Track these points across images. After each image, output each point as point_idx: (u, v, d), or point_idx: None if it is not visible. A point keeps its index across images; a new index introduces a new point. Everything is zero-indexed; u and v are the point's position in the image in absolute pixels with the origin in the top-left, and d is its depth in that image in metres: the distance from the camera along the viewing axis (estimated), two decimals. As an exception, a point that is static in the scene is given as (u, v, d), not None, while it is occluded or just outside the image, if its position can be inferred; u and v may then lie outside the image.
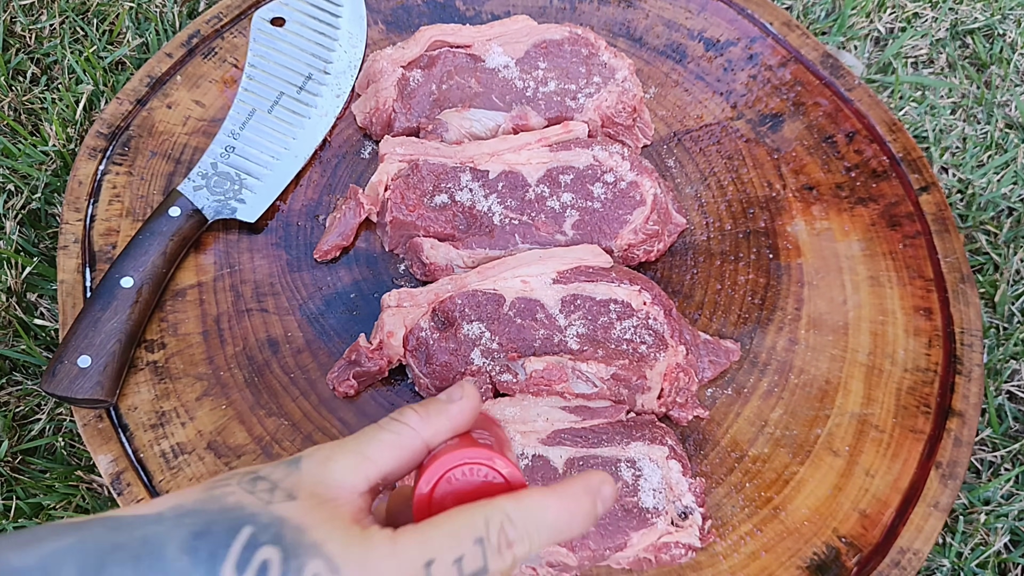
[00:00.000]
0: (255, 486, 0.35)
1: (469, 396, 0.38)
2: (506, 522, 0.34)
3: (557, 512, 0.35)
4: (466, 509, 0.34)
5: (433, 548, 0.33)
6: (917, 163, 0.71)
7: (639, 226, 0.64)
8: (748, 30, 0.78)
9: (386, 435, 0.36)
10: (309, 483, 0.35)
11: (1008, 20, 0.87)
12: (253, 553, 0.32)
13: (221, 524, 0.33)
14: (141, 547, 0.33)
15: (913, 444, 0.60)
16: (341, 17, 0.75)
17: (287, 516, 0.33)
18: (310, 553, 0.32)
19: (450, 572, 0.33)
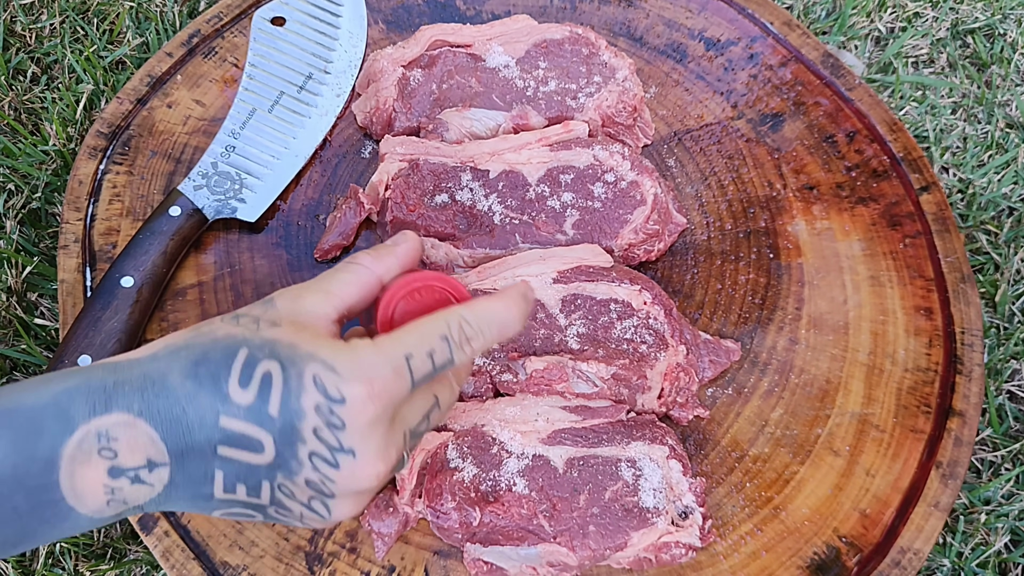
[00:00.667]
0: (238, 321, 0.38)
1: (412, 239, 0.44)
2: (463, 323, 0.40)
3: (502, 312, 0.41)
4: (429, 317, 0.40)
5: (409, 345, 0.38)
6: (918, 163, 0.71)
7: (639, 226, 0.64)
8: (748, 30, 0.78)
9: (344, 274, 0.41)
10: (287, 314, 0.38)
11: (1009, 20, 0.87)
12: (254, 369, 0.36)
13: (217, 351, 0.36)
14: (143, 380, 0.35)
15: (914, 444, 0.60)
16: (341, 17, 0.75)
17: (277, 337, 0.37)
18: (306, 360, 0.36)
19: (425, 363, 0.38)
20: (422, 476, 0.55)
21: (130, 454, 0.34)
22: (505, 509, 0.53)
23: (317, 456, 0.36)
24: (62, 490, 0.34)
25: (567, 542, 0.53)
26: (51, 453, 0.33)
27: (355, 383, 0.36)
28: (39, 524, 0.34)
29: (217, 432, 0.35)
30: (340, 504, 0.38)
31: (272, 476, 0.36)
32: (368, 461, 0.37)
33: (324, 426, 0.36)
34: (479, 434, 0.55)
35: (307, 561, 0.55)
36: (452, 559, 0.55)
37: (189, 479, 0.36)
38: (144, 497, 0.36)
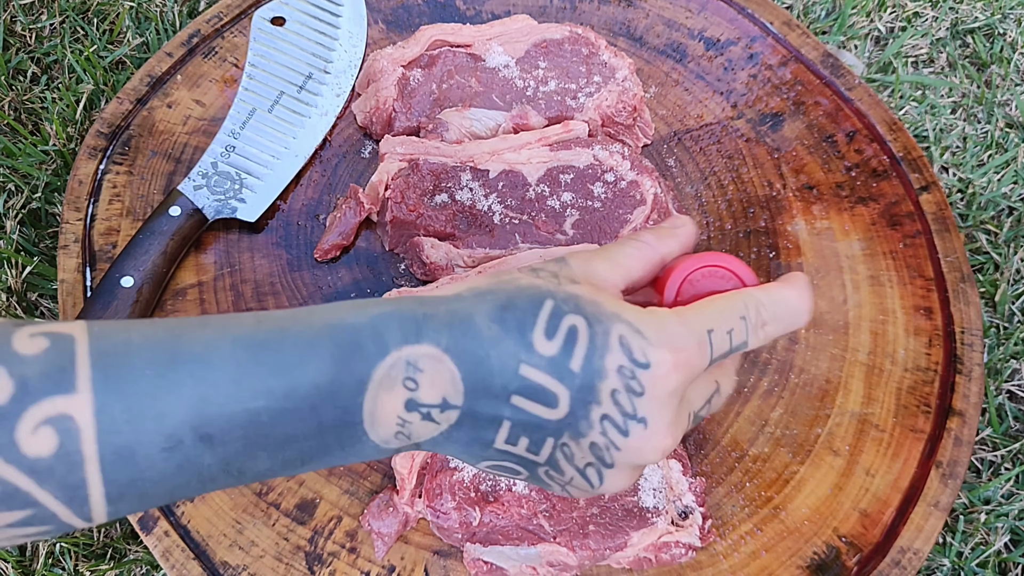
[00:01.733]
0: (538, 274, 0.37)
1: (690, 224, 0.43)
2: (760, 305, 0.39)
3: (795, 301, 0.40)
4: (726, 295, 0.39)
5: (711, 320, 0.37)
6: (917, 162, 0.71)
7: (639, 225, 0.64)
8: (748, 29, 0.78)
9: (630, 248, 0.41)
10: (582, 274, 0.38)
11: (1008, 19, 0.87)
12: (559, 321, 0.35)
13: (523, 299, 0.36)
14: (451, 317, 0.35)
15: (913, 443, 0.60)
16: (341, 17, 0.75)
17: (580, 294, 0.36)
18: (612, 319, 0.35)
19: (724, 340, 0.37)
20: (422, 476, 0.55)
21: (430, 389, 0.34)
22: (505, 509, 0.53)
23: (609, 420, 0.35)
24: (363, 412, 0.34)
25: (567, 542, 0.53)
26: (364, 373, 0.33)
27: (662, 349, 0.35)
28: (334, 444, 0.34)
29: (516, 380, 0.34)
30: (615, 475, 0.37)
31: (558, 434, 0.36)
32: (658, 432, 0.36)
33: (623, 390, 0.35)
34: (479, 434, 0.55)
35: (307, 561, 0.55)
36: (452, 559, 0.55)
37: (476, 423, 0.35)
38: (428, 435, 0.35)
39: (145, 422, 0.30)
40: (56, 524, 0.31)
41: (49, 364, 0.30)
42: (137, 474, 0.31)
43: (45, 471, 0.29)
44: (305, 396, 0.32)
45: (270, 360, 0.32)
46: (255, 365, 0.32)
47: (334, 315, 0.34)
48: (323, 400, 0.33)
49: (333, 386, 0.33)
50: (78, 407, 0.29)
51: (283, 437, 0.33)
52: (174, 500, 0.33)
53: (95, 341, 0.31)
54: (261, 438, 0.32)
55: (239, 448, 0.32)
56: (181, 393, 0.31)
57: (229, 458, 0.32)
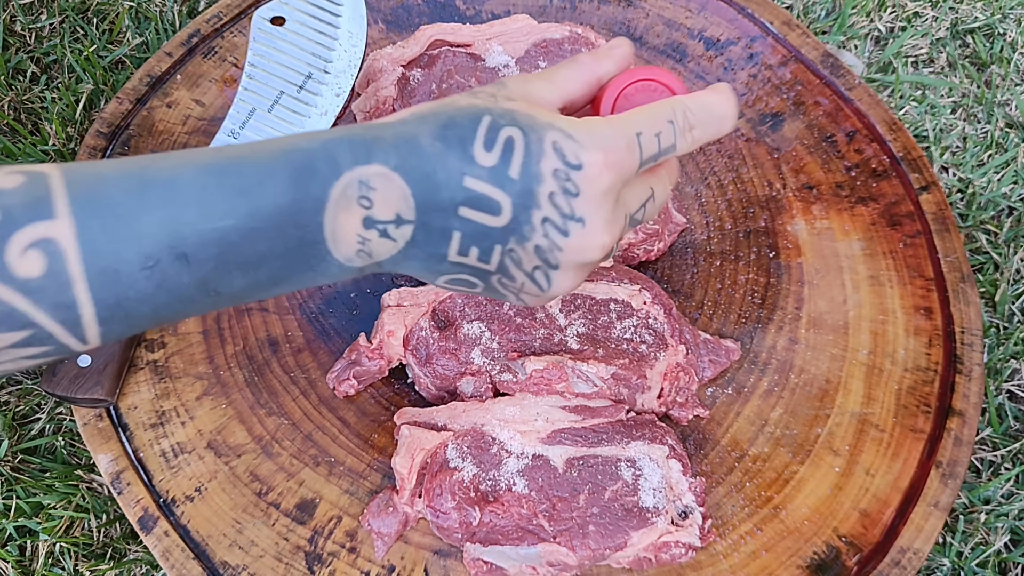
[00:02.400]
0: (476, 95, 0.39)
1: (626, 44, 0.45)
2: (687, 111, 0.41)
3: (721, 105, 0.42)
4: (656, 103, 0.41)
5: (639, 124, 0.40)
6: (917, 162, 0.71)
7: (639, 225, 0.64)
8: (748, 29, 0.78)
9: (567, 70, 0.43)
10: (519, 93, 0.40)
11: (1008, 19, 0.87)
12: (497, 133, 0.37)
13: (462, 116, 0.38)
14: (397, 138, 0.37)
15: (913, 443, 0.60)
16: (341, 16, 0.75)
17: (516, 108, 0.38)
18: (546, 127, 0.38)
19: (652, 142, 0.40)
20: (422, 476, 0.55)
21: (383, 206, 0.36)
22: (505, 509, 0.53)
23: (549, 222, 0.38)
24: (324, 231, 0.36)
25: (567, 542, 0.53)
26: (321, 193, 0.36)
27: (593, 151, 0.37)
28: (301, 263, 0.37)
29: (460, 192, 0.37)
30: (561, 276, 0.40)
31: (505, 240, 0.38)
32: (596, 230, 0.38)
33: (560, 191, 0.37)
34: (479, 434, 0.55)
35: (307, 561, 0.55)
36: (452, 559, 0.55)
37: (429, 238, 0.38)
38: (387, 252, 0.38)
39: (124, 243, 0.33)
40: (55, 345, 0.33)
41: (28, 195, 0.32)
42: (122, 293, 0.33)
43: (38, 291, 0.32)
44: (269, 216, 0.35)
45: (232, 183, 0.34)
46: (219, 188, 0.34)
47: (288, 142, 0.36)
48: (286, 220, 0.35)
49: (294, 206, 0.35)
50: (60, 231, 0.32)
51: (254, 256, 0.35)
52: (160, 323, 0.35)
53: (68, 174, 0.33)
54: (233, 257, 0.35)
55: (213, 267, 0.34)
56: (154, 215, 0.33)
57: (205, 277, 0.35)
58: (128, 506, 0.56)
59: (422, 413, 0.58)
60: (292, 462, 0.58)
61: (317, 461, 0.58)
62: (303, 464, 0.58)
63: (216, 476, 0.57)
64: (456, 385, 0.59)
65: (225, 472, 0.57)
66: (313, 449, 0.58)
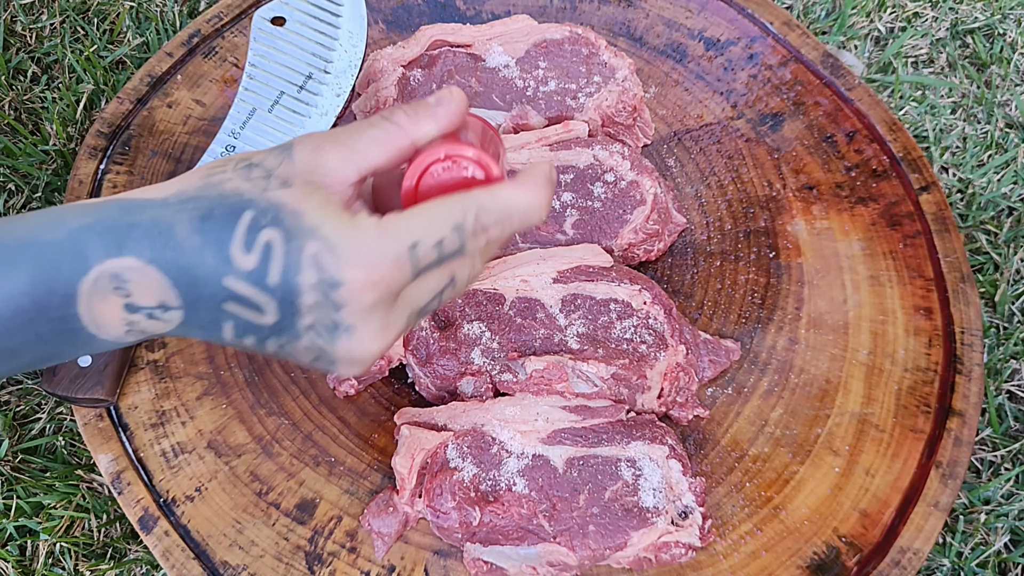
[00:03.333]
0: (250, 173, 0.37)
1: (457, 99, 0.40)
2: (481, 210, 0.38)
3: (525, 201, 0.39)
4: (446, 200, 0.38)
5: (416, 233, 0.37)
6: (917, 163, 0.71)
7: (639, 225, 0.64)
8: (748, 29, 0.78)
9: (375, 131, 0.39)
10: (302, 171, 0.37)
11: (1008, 20, 0.87)
12: (256, 235, 0.35)
13: (223, 209, 0.36)
14: (153, 228, 0.36)
15: (913, 444, 0.60)
16: (341, 17, 0.75)
17: (284, 202, 0.36)
18: (308, 235, 0.35)
19: (431, 253, 0.37)
20: (422, 476, 0.55)
21: (144, 295, 0.36)
22: (505, 509, 0.53)
23: (315, 330, 0.37)
24: (82, 321, 0.36)
25: (567, 542, 0.53)
26: (69, 288, 0.35)
27: (354, 268, 0.35)
28: (64, 346, 0.36)
29: (222, 290, 0.36)
30: (342, 367, 0.39)
31: (278, 335, 0.37)
32: (364, 341, 0.37)
33: (322, 303, 0.36)
34: (479, 434, 0.55)
35: (307, 561, 0.55)
36: (452, 559, 0.55)
37: (201, 323, 0.37)
38: (162, 329, 0.37)
39: None
40: None
41: None
42: None
43: None
44: (11, 316, 0.34)
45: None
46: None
47: (31, 232, 0.35)
48: (32, 316, 0.35)
49: (38, 303, 0.35)
50: None
51: (6, 348, 0.35)
52: None
53: None
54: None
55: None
56: None
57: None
58: (128, 506, 0.56)
59: (422, 413, 0.58)
60: (292, 462, 0.58)
61: (317, 461, 0.58)
62: (303, 464, 0.58)
63: (216, 476, 0.57)
64: (456, 385, 0.59)
65: (225, 472, 0.57)
66: (313, 449, 0.58)
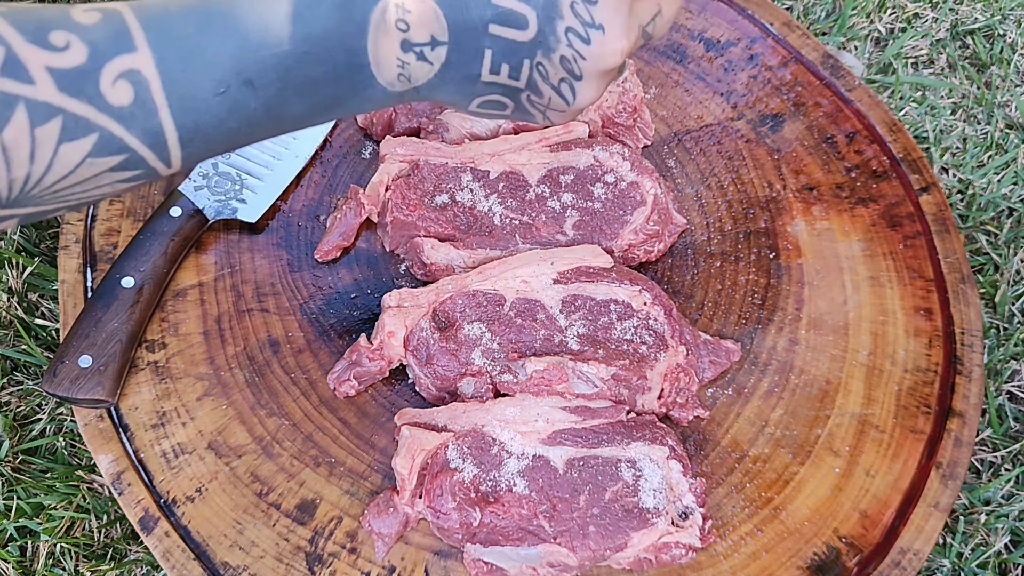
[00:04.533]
0: None
1: None
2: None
3: None
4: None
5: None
6: (917, 163, 0.71)
7: (640, 226, 0.64)
8: (748, 30, 0.78)
9: None
10: None
11: (1008, 20, 0.87)
12: None
13: None
14: None
15: (913, 444, 0.60)
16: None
17: None
18: None
19: None
20: (422, 477, 0.55)
21: (419, 28, 0.39)
22: (505, 509, 0.53)
23: (572, 32, 0.40)
24: (368, 55, 0.39)
25: (567, 542, 0.53)
26: (362, 17, 0.38)
27: None
28: (350, 87, 0.40)
29: (489, 9, 0.39)
30: (585, 86, 0.42)
31: (532, 54, 0.41)
32: (615, 36, 0.41)
33: (580, 1, 0.40)
34: (479, 434, 0.55)
35: (307, 561, 0.55)
36: (452, 559, 0.55)
37: (462, 58, 0.41)
38: (424, 76, 0.41)
39: (198, 71, 0.36)
40: (145, 168, 0.37)
41: (109, 30, 0.35)
42: (199, 118, 0.37)
43: (129, 117, 0.35)
44: (319, 40, 0.38)
45: (285, 10, 0.38)
46: (273, 15, 0.37)
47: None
48: (334, 43, 0.38)
49: (340, 29, 0.38)
50: (142, 62, 0.35)
51: (309, 80, 0.39)
52: (233, 147, 0.39)
53: (138, 11, 0.36)
54: (291, 81, 0.38)
55: (276, 92, 0.38)
56: (221, 44, 0.36)
57: (269, 101, 0.38)
58: (129, 507, 0.56)
59: (422, 414, 0.58)
60: (293, 463, 0.58)
61: (318, 462, 0.58)
62: (304, 465, 0.58)
63: (217, 477, 0.57)
64: (456, 386, 0.59)
65: (226, 473, 0.57)
66: (314, 450, 0.59)
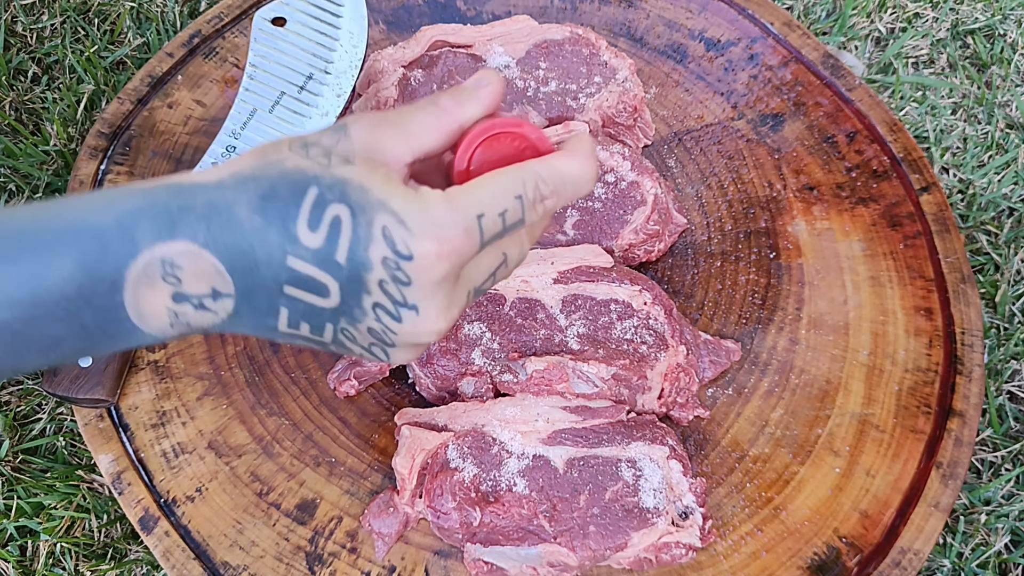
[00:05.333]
0: (308, 152, 0.36)
1: (496, 80, 0.40)
2: (539, 181, 0.38)
3: (578, 170, 0.39)
4: (504, 171, 0.38)
5: (482, 204, 0.36)
6: (918, 163, 0.71)
7: (640, 226, 0.64)
8: (749, 30, 0.78)
9: (425, 115, 0.39)
10: (361, 149, 0.36)
11: (1009, 20, 0.87)
12: (323, 211, 0.34)
13: (285, 186, 0.34)
14: (209, 209, 0.34)
15: (914, 444, 0.60)
16: (342, 17, 0.75)
17: (349, 177, 0.35)
18: (376, 208, 0.34)
19: (496, 223, 0.37)
20: (422, 476, 0.55)
21: (195, 282, 0.34)
22: (505, 509, 0.53)
23: (381, 308, 0.36)
24: (127, 311, 0.34)
25: (567, 542, 0.53)
26: (116, 275, 0.33)
27: (425, 240, 0.35)
28: (105, 338, 0.35)
29: (284, 271, 0.35)
30: (399, 352, 0.38)
31: (335, 320, 0.36)
32: (430, 318, 0.37)
33: (390, 280, 0.35)
34: (479, 434, 0.55)
35: (307, 561, 0.55)
36: (452, 559, 0.55)
37: (254, 311, 0.36)
38: (208, 322, 0.36)
39: None
40: None
41: None
42: None
43: None
44: (56, 302, 0.33)
45: (9, 271, 0.32)
46: None
47: (78, 215, 0.34)
48: (78, 304, 0.33)
49: (83, 291, 0.33)
50: None
51: (46, 339, 0.34)
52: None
53: None
54: (22, 342, 0.33)
55: (2, 352, 0.33)
56: None
57: None
58: (129, 506, 0.56)
59: (423, 414, 0.58)
60: (293, 462, 0.58)
61: (318, 461, 0.58)
62: (304, 464, 0.58)
63: (217, 476, 0.57)
64: (457, 385, 0.59)
65: (226, 472, 0.57)
66: (314, 449, 0.59)
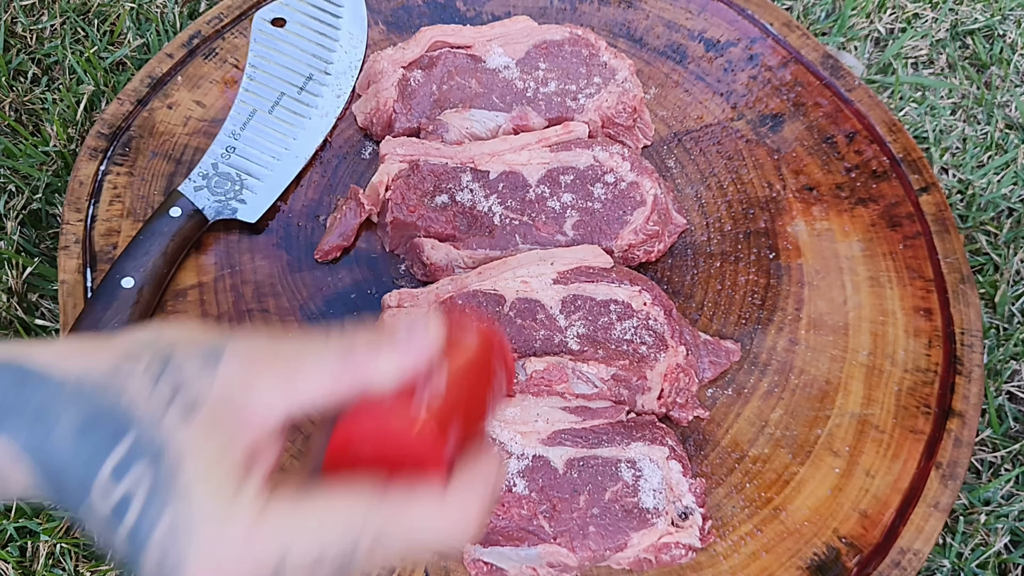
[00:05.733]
0: (156, 386, 0.32)
1: (431, 334, 0.33)
2: (382, 533, 0.31)
3: (446, 528, 0.32)
4: (345, 500, 0.31)
5: (294, 540, 0.30)
6: (917, 163, 0.71)
7: (639, 226, 0.64)
8: (748, 31, 0.78)
9: (320, 360, 0.32)
10: (220, 393, 0.32)
11: (1008, 21, 0.87)
12: (129, 468, 0.31)
13: (107, 422, 0.32)
14: (39, 415, 0.32)
15: (913, 444, 0.60)
16: (342, 18, 0.75)
17: (171, 441, 0.31)
18: (178, 497, 0.30)
19: (299, 572, 0.30)
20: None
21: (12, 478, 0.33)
22: (505, 509, 0.53)
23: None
24: None
25: (567, 543, 0.53)
26: None
27: (199, 568, 0.30)
28: None
29: (87, 496, 0.32)
30: None
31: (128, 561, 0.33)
32: None
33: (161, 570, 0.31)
34: (479, 435, 0.55)
35: (307, 562, 0.55)
36: (452, 559, 0.55)
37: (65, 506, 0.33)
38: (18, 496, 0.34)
39: None
40: None
41: None
42: None
43: None
44: None
45: None
46: None
47: None
48: None
49: None
50: None
51: None
52: None
53: None
54: None
55: None
56: None
57: None
58: (129, 507, 0.56)
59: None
60: (292, 462, 0.58)
61: (317, 462, 0.58)
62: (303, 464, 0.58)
63: (217, 477, 0.57)
64: (456, 386, 0.59)
65: (226, 473, 0.57)
66: (313, 450, 0.58)
